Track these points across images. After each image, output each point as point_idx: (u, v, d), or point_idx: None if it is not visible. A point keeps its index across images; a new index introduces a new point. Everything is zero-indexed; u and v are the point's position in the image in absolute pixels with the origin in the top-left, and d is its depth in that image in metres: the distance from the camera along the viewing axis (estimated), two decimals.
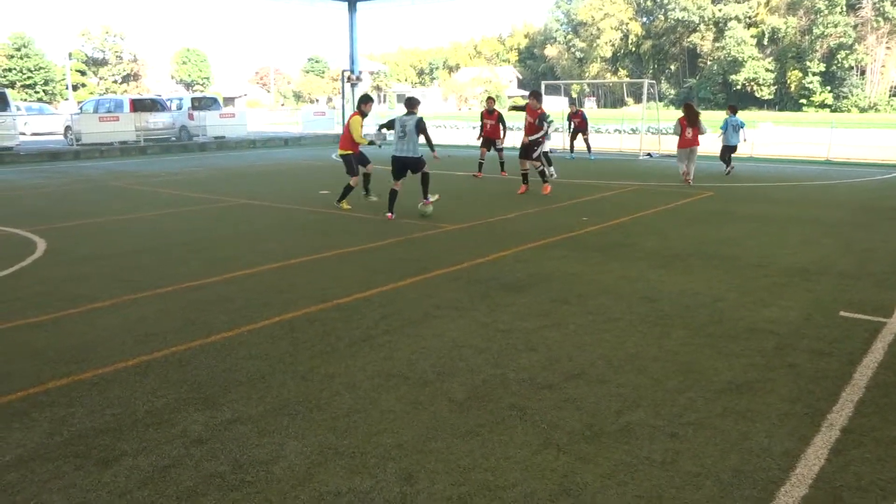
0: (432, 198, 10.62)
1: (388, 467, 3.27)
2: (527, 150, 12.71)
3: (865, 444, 3.48)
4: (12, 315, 5.63)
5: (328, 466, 3.28)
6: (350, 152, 11.18)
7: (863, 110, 73.34)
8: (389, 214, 10.21)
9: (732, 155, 16.39)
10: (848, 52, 75.42)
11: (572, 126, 21.01)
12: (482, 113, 16.31)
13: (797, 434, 3.59)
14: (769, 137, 25.89)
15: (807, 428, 3.66)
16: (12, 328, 5.34)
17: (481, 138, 16.22)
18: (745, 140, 16.83)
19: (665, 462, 3.32)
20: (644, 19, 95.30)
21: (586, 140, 20.93)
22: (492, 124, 15.90)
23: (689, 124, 14.11)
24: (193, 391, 4.14)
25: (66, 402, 4.00)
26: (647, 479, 3.17)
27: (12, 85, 66.30)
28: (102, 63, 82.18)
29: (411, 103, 10.39)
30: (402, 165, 10.32)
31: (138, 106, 26.31)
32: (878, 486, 3.12)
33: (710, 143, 16.72)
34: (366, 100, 11.34)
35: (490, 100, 16.47)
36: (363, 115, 11.07)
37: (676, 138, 14.43)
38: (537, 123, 12.55)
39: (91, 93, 69.26)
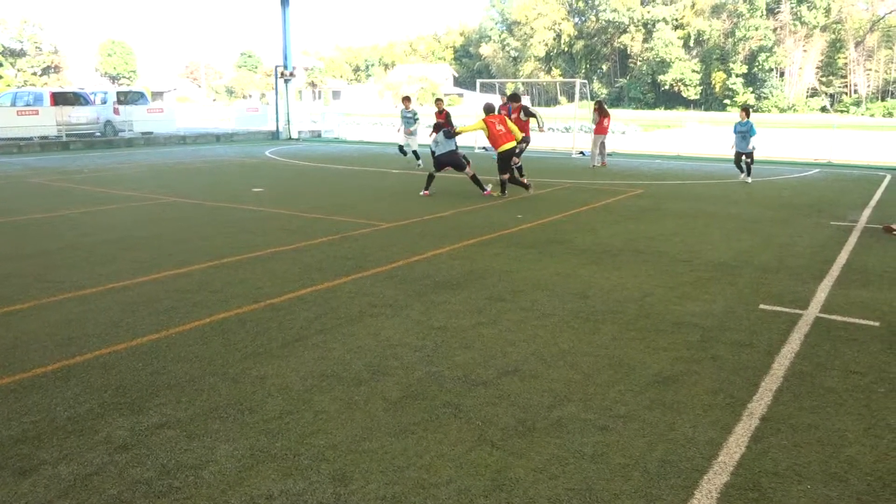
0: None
1: (321, 468, 3.24)
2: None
3: (782, 432, 3.65)
4: None
5: (260, 469, 3.23)
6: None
7: (782, 110, 76.76)
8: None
9: (746, 160, 15.15)
10: (768, 54, 78.82)
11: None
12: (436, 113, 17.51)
13: (720, 424, 3.73)
14: (694, 136, 26.78)
15: (728, 417, 3.80)
16: None
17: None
18: (753, 148, 15.19)
19: (595, 455, 3.39)
20: (576, 20, 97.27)
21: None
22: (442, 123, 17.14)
23: (604, 115, 18.41)
24: (118, 396, 4.01)
25: None
26: (578, 471, 3.24)
27: None
28: (20, 54, 78.49)
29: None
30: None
31: (59, 99, 25.25)
32: (794, 471, 3.27)
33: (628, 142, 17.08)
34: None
35: (439, 101, 17.67)
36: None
37: (594, 129, 18.55)
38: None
39: (8, 85, 66.06)
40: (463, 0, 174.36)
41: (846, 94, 78.91)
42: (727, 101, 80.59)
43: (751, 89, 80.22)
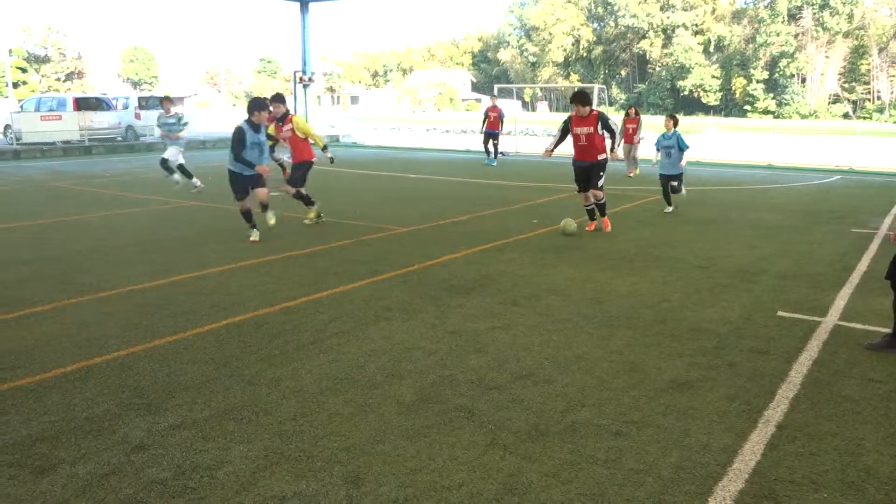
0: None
1: (334, 470, 3.26)
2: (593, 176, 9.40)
3: (799, 440, 3.61)
4: None
5: (273, 471, 3.25)
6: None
7: (804, 116, 75.88)
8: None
9: (672, 183, 11.32)
10: (789, 60, 78.00)
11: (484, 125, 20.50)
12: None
13: (735, 430, 3.70)
14: (714, 142, 26.62)
15: (744, 424, 3.77)
16: None
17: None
18: (683, 168, 11.25)
19: (608, 460, 3.38)
20: (595, 25, 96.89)
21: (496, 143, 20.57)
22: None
23: (628, 122, 17.37)
24: (135, 397, 4.05)
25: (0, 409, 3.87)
26: (591, 477, 3.23)
27: None
28: (45, 60, 79.79)
29: None
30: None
31: (82, 105, 25.59)
32: (810, 479, 3.24)
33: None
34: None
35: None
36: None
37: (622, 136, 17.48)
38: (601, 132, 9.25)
39: (32, 91, 67.05)
40: (482, 6, 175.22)
41: (869, 100, 77.90)
42: (748, 107, 79.93)
43: (771, 95, 79.51)
